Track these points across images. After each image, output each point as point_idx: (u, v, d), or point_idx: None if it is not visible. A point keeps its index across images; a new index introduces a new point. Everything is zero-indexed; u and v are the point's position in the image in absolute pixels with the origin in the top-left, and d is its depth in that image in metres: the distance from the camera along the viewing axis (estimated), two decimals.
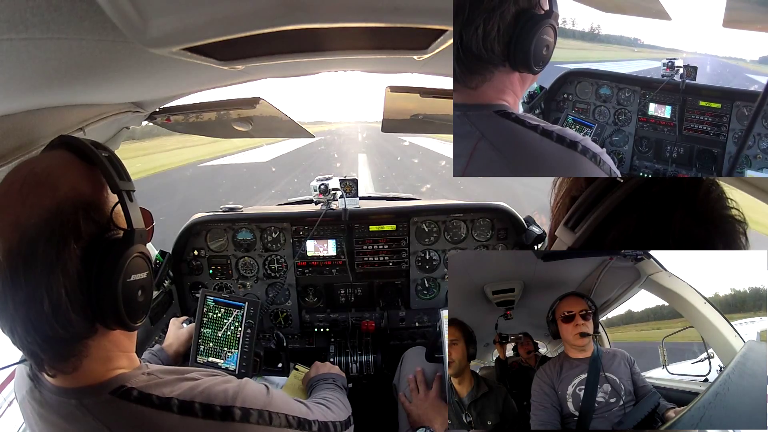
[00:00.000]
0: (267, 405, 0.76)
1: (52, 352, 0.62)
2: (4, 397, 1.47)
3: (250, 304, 1.41)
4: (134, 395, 0.66)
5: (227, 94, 1.45)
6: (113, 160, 0.67)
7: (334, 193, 1.93)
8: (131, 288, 0.65)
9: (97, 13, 0.53)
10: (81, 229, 0.61)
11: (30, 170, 0.63)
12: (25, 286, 0.58)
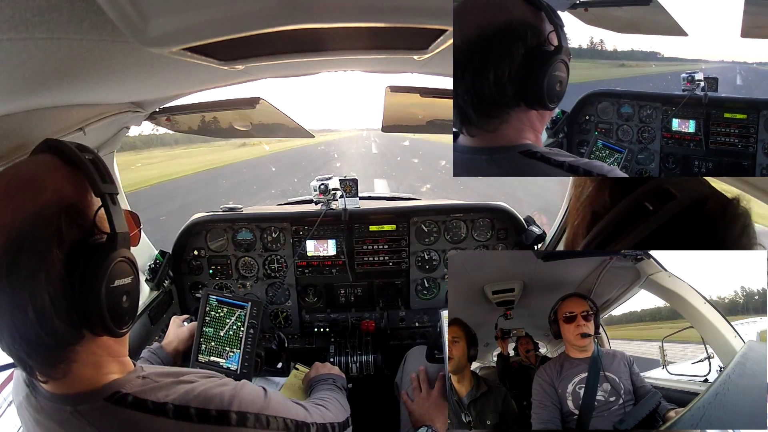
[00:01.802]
0: (264, 408, 0.76)
1: (39, 359, 0.62)
2: (4, 397, 1.47)
3: (254, 304, 1.41)
4: (129, 401, 0.66)
5: (227, 94, 1.45)
6: (97, 163, 0.66)
7: (334, 193, 1.93)
8: (115, 293, 0.64)
9: (96, 13, 0.53)
10: (63, 233, 0.60)
11: (14, 174, 0.62)
12: (9, 293, 0.57)
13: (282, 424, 0.79)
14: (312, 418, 0.88)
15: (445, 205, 2.08)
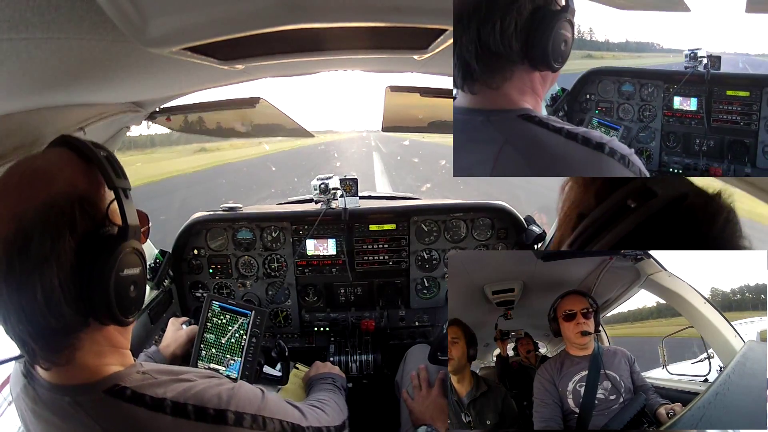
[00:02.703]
0: (261, 410, 0.76)
1: (43, 343, 0.63)
2: (4, 396, 1.47)
3: (257, 312, 1.38)
4: (128, 395, 0.66)
5: (227, 94, 1.45)
6: (111, 159, 0.68)
7: (334, 192, 1.93)
8: (123, 282, 0.66)
9: (97, 13, 0.53)
10: (77, 222, 0.62)
11: (29, 165, 0.64)
12: (19, 276, 0.59)
13: (278, 427, 0.79)
14: (308, 421, 0.88)
15: (445, 204, 2.08)
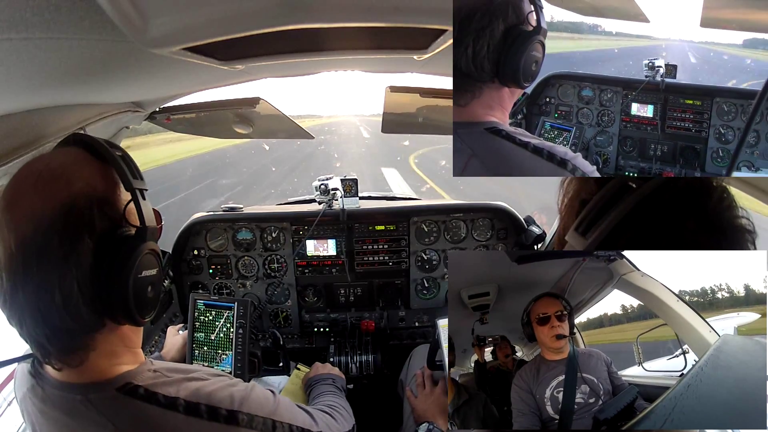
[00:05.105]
0: (272, 413, 0.77)
1: (60, 344, 0.63)
2: (4, 396, 1.47)
3: (240, 303, 1.39)
4: (140, 393, 0.66)
5: (227, 94, 1.45)
6: (126, 159, 0.68)
7: (335, 192, 1.93)
8: (142, 283, 0.66)
9: (97, 13, 0.53)
10: (95, 223, 0.62)
11: (45, 165, 0.64)
12: (37, 277, 0.58)
13: (288, 431, 0.79)
14: (318, 426, 0.88)
15: (445, 204, 2.08)
